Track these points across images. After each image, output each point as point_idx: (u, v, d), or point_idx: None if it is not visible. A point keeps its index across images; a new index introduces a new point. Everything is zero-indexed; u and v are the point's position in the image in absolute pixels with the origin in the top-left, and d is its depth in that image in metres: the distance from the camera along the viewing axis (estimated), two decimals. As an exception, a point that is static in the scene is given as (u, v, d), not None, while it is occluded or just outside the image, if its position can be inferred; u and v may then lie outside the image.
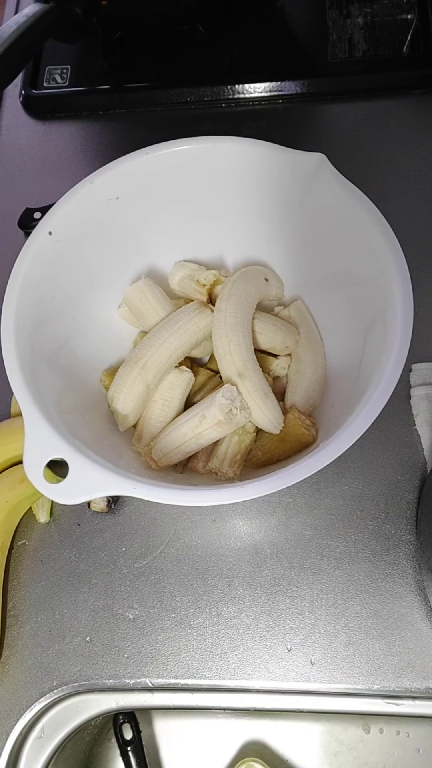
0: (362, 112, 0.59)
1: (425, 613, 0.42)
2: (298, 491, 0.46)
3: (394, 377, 0.34)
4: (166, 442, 0.41)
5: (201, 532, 0.46)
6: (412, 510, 0.45)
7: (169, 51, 0.63)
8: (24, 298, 0.39)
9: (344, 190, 0.40)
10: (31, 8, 0.51)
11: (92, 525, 0.47)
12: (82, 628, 0.44)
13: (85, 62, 0.64)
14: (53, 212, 0.42)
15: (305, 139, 0.59)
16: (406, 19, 0.60)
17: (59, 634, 0.44)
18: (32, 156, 0.62)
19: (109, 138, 0.62)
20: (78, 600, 0.45)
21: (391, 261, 0.37)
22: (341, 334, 0.44)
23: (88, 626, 0.44)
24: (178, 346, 0.43)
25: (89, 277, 0.45)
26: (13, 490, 0.44)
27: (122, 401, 0.42)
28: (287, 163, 0.42)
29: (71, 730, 0.43)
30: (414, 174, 0.56)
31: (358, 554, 0.44)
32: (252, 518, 0.46)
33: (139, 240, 0.47)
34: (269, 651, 0.42)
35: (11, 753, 0.42)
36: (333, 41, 0.60)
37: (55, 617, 0.44)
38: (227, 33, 0.63)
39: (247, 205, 0.46)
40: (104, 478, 0.34)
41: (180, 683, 0.42)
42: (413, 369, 0.48)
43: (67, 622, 0.44)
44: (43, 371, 0.39)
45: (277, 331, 0.45)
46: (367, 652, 0.41)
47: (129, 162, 0.43)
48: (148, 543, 0.46)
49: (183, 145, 0.42)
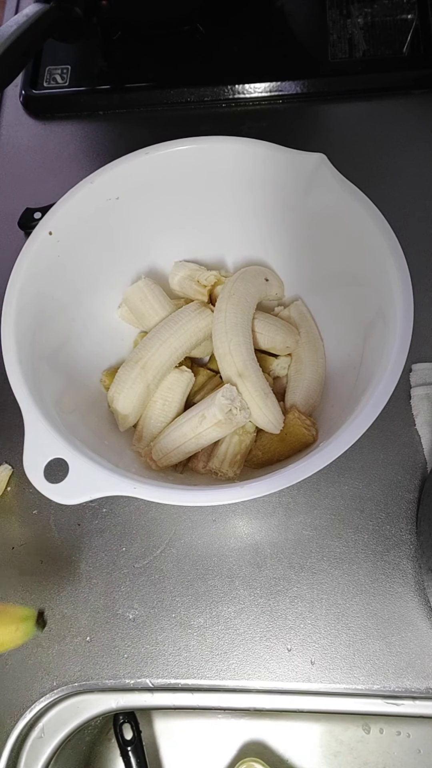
0: (362, 112, 0.59)
1: (425, 613, 0.42)
2: (298, 491, 0.46)
3: (394, 377, 0.34)
4: (166, 442, 0.41)
5: (201, 532, 0.46)
6: (412, 510, 0.45)
7: (169, 51, 0.63)
8: (24, 298, 0.39)
9: (344, 190, 0.40)
10: (31, 8, 0.51)
11: (92, 525, 0.47)
12: (82, 628, 0.44)
13: (85, 62, 0.64)
14: (53, 212, 0.42)
15: (305, 139, 0.59)
16: (406, 19, 0.60)
17: (59, 634, 0.44)
18: (32, 156, 0.62)
19: (109, 138, 0.62)
20: (78, 600, 0.45)
21: (391, 261, 0.37)
22: (341, 334, 0.44)
23: (88, 626, 0.44)
24: (179, 347, 0.43)
25: (89, 277, 0.45)
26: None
27: (122, 401, 0.42)
28: (287, 163, 0.42)
29: (71, 730, 0.43)
30: (414, 174, 0.56)
31: (358, 554, 0.44)
32: (252, 518, 0.46)
33: (139, 240, 0.47)
34: (269, 651, 0.42)
35: (11, 753, 0.42)
36: (333, 41, 0.60)
37: (55, 617, 0.44)
38: (227, 33, 0.63)
39: (247, 205, 0.46)
40: (104, 478, 0.34)
41: (180, 683, 0.42)
42: (413, 369, 0.48)
43: (67, 622, 0.44)
44: (43, 371, 0.39)
45: (277, 331, 0.45)
46: (367, 652, 0.41)
47: (129, 162, 0.43)
48: (148, 543, 0.46)
49: (183, 145, 0.42)
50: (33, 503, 0.48)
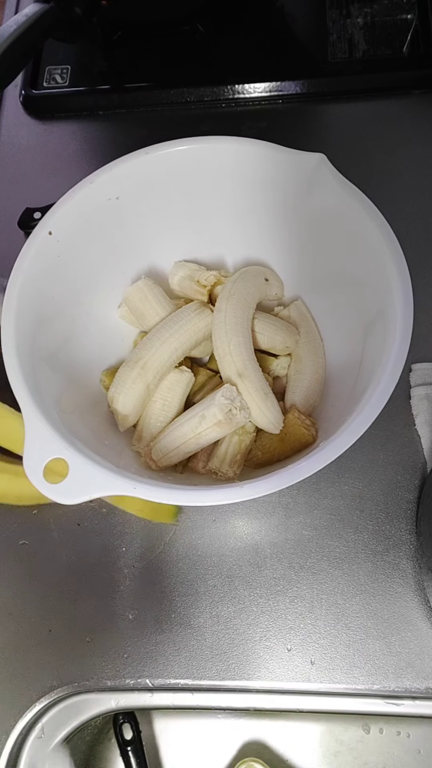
0: (362, 112, 0.59)
1: (425, 613, 0.42)
2: (298, 491, 0.46)
3: (394, 377, 0.34)
4: (166, 442, 0.41)
5: (201, 532, 0.46)
6: (412, 510, 0.45)
7: (169, 51, 0.63)
8: (24, 298, 0.39)
9: (344, 190, 0.40)
10: (31, 8, 0.51)
11: (92, 525, 0.47)
12: (82, 628, 0.44)
13: (85, 62, 0.64)
14: (53, 212, 0.42)
15: (305, 139, 0.59)
16: (406, 19, 0.60)
17: (59, 634, 0.44)
18: (32, 156, 0.62)
19: (109, 138, 0.62)
20: (78, 600, 0.45)
21: (391, 261, 0.37)
22: (341, 334, 0.44)
23: (88, 626, 0.44)
24: (178, 347, 0.43)
25: (89, 277, 0.45)
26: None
27: (122, 401, 0.42)
28: (287, 163, 0.42)
29: (71, 730, 0.43)
30: (414, 174, 0.56)
31: (358, 554, 0.44)
32: (252, 518, 0.46)
33: (139, 240, 0.47)
34: (269, 651, 0.42)
35: (11, 753, 0.42)
36: (333, 41, 0.60)
37: (55, 617, 0.44)
38: (227, 33, 0.63)
39: (247, 205, 0.46)
40: (104, 478, 0.34)
41: (180, 683, 0.42)
42: (413, 369, 0.48)
43: (67, 622, 0.44)
44: (43, 371, 0.39)
45: (277, 331, 0.45)
46: (367, 652, 0.41)
47: (129, 162, 0.43)
48: (148, 543, 0.46)
49: (183, 145, 0.42)
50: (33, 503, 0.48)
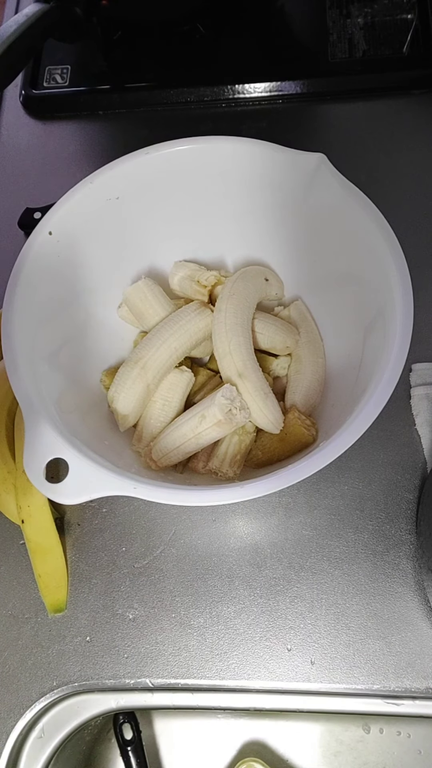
0: (362, 112, 0.59)
1: (425, 613, 0.42)
2: (298, 491, 0.46)
3: (394, 377, 0.34)
4: (166, 442, 0.41)
5: (201, 532, 0.46)
6: (412, 510, 0.45)
7: (169, 51, 0.63)
8: (24, 298, 0.39)
9: (344, 190, 0.40)
10: (31, 8, 0.51)
11: (92, 525, 0.47)
12: (82, 628, 0.44)
13: (85, 62, 0.64)
14: (53, 212, 0.42)
15: (305, 139, 0.59)
16: (406, 19, 0.60)
17: (59, 634, 0.44)
18: (32, 156, 0.62)
19: (109, 138, 0.62)
20: (78, 600, 0.45)
21: (391, 261, 0.37)
22: (341, 334, 0.44)
23: (88, 626, 0.44)
24: (178, 347, 0.43)
25: (89, 277, 0.45)
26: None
27: (122, 401, 0.42)
28: (287, 163, 0.42)
29: (71, 730, 0.43)
30: (414, 174, 0.56)
31: (358, 554, 0.44)
32: (252, 518, 0.46)
33: (139, 240, 0.47)
34: (269, 651, 0.42)
35: (11, 753, 0.42)
36: (333, 41, 0.60)
37: (55, 617, 0.44)
38: (227, 33, 0.63)
39: (247, 205, 0.46)
40: (104, 478, 0.34)
41: (180, 683, 0.42)
42: (413, 369, 0.48)
43: (67, 622, 0.44)
44: (43, 371, 0.39)
45: (277, 331, 0.45)
46: (367, 652, 0.41)
47: (129, 162, 0.43)
48: (148, 543, 0.46)
49: (183, 145, 0.42)
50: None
